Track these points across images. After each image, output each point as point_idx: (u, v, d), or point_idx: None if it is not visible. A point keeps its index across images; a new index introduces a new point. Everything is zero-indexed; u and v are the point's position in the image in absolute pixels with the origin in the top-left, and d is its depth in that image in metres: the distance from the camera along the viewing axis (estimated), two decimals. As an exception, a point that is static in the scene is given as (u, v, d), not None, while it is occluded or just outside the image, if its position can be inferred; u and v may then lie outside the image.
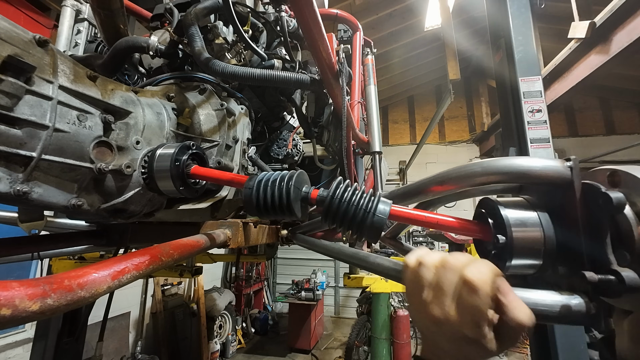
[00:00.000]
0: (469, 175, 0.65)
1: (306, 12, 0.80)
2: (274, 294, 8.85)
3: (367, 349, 4.92)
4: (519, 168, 0.58)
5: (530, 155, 2.40)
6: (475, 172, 0.63)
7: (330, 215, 0.68)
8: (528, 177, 0.58)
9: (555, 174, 0.55)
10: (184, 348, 5.22)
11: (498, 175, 0.61)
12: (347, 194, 0.68)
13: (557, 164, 0.56)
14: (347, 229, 0.67)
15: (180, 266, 2.46)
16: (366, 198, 0.67)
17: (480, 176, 0.63)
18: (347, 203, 0.66)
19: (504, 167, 0.60)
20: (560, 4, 4.85)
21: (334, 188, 0.68)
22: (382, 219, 0.65)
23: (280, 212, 0.70)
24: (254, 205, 0.72)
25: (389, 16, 6.02)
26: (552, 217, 0.59)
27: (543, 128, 2.55)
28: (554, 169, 0.56)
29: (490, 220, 0.63)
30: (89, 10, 1.61)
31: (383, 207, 0.66)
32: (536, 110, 2.59)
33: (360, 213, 0.65)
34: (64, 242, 1.25)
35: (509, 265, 0.59)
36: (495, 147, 6.90)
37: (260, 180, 0.73)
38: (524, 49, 2.74)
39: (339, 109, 1.39)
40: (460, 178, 0.67)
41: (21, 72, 0.61)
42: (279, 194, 0.70)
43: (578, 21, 3.61)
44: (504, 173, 0.60)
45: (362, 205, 0.66)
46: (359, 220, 0.65)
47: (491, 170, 0.61)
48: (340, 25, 2.08)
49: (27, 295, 0.36)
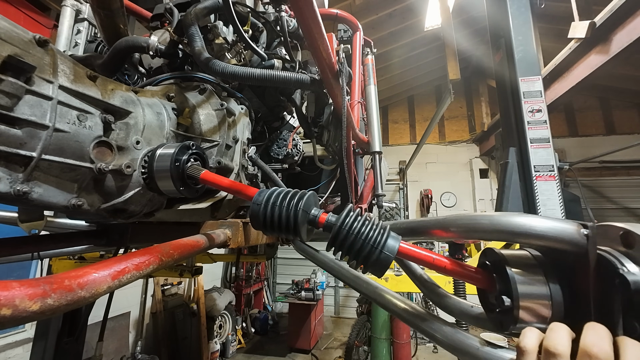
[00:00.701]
0: (475, 228, 0.63)
1: (306, 12, 0.80)
2: (274, 293, 8.85)
3: (367, 348, 4.92)
4: (531, 230, 0.54)
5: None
6: (483, 226, 0.61)
7: (337, 244, 0.65)
8: (540, 240, 0.54)
9: (569, 240, 0.52)
10: (184, 348, 5.22)
11: (506, 235, 0.57)
12: (357, 224, 0.65)
13: (573, 230, 0.52)
14: (351, 260, 0.65)
15: (180, 266, 2.46)
16: (375, 231, 0.64)
17: (487, 232, 0.60)
18: (355, 235, 0.64)
19: (515, 227, 0.56)
20: (560, 4, 4.85)
21: (344, 216, 0.66)
22: (389, 256, 0.63)
23: (285, 232, 0.69)
24: (260, 223, 0.71)
25: (389, 16, 6.02)
26: (560, 278, 0.56)
27: (543, 128, 2.55)
28: (568, 235, 0.52)
29: (495, 274, 0.62)
30: (89, 10, 1.61)
31: (392, 244, 0.64)
32: (536, 110, 2.59)
33: (367, 247, 0.63)
34: (64, 242, 1.25)
35: (512, 328, 0.57)
36: (495, 147, 6.90)
37: (270, 197, 0.71)
38: (524, 49, 2.74)
39: (339, 109, 1.38)
40: (466, 229, 0.65)
41: (21, 72, 0.61)
42: (286, 215, 0.68)
43: (578, 21, 3.61)
44: (513, 233, 0.56)
45: (371, 238, 0.63)
46: (365, 254, 0.63)
47: (500, 227, 0.58)
48: (340, 25, 2.08)
49: (27, 295, 0.36)
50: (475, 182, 8.15)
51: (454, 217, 0.68)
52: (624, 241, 0.47)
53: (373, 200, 1.81)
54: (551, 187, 2.44)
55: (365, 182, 2.00)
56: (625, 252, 0.47)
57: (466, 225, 0.65)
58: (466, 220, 0.65)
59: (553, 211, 2.39)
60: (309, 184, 2.02)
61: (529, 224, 0.55)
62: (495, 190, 7.32)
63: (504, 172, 2.69)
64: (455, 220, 0.67)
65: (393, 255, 0.63)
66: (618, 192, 7.18)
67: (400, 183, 8.69)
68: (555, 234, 0.53)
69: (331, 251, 0.69)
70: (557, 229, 0.53)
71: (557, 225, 0.53)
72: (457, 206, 8.22)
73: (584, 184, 6.82)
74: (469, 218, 0.65)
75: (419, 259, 0.66)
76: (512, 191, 2.59)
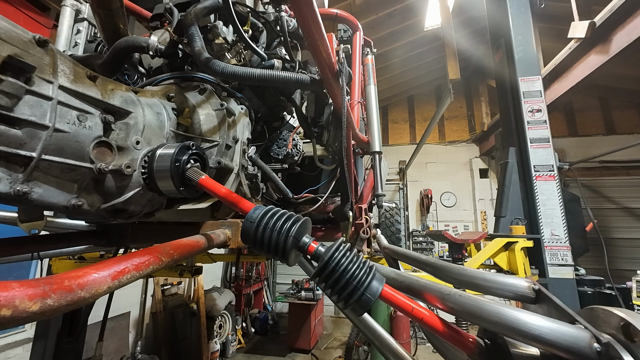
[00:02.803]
0: (479, 315, 0.59)
1: (306, 12, 0.80)
2: (274, 293, 8.85)
3: (367, 348, 4.92)
4: (540, 336, 0.52)
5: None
6: (487, 315, 0.58)
7: (323, 277, 0.65)
8: (548, 347, 0.52)
9: (579, 353, 0.49)
10: (184, 348, 5.22)
11: (511, 332, 0.55)
12: (345, 260, 0.64)
13: (585, 342, 0.49)
14: (333, 294, 0.65)
15: (180, 266, 2.46)
16: (362, 270, 0.64)
17: (491, 324, 0.57)
18: (342, 272, 0.63)
19: (522, 327, 0.53)
20: (560, 4, 4.85)
21: (333, 250, 0.66)
22: (369, 299, 0.62)
23: (274, 254, 0.70)
24: (250, 240, 0.71)
25: (388, 16, 6.02)
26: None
27: (543, 128, 2.55)
28: (579, 348, 0.49)
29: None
30: (88, 10, 1.61)
31: (375, 286, 0.63)
32: (536, 110, 2.59)
33: (350, 286, 0.62)
34: (64, 242, 1.25)
35: None
36: (495, 147, 6.91)
37: (264, 216, 0.71)
38: (524, 48, 2.74)
39: (338, 108, 1.39)
40: (468, 313, 0.61)
41: (21, 72, 0.61)
42: (276, 240, 0.68)
43: (578, 21, 3.61)
44: (519, 332, 0.53)
45: (355, 277, 0.63)
46: (348, 292, 0.63)
47: (506, 322, 0.55)
48: (340, 25, 2.08)
49: (27, 295, 0.36)
50: (475, 182, 8.16)
51: (458, 293, 0.65)
52: (624, 331, 0.48)
53: (373, 200, 1.81)
54: (551, 187, 2.45)
55: (365, 182, 2.00)
56: (626, 345, 0.47)
57: (469, 309, 0.61)
58: (471, 303, 0.61)
59: (553, 211, 2.40)
60: (309, 183, 2.02)
61: (538, 328, 0.52)
62: (495, 190, 7.32)
63: (504, 172, 2.69)
64: (460, 298, 0.63)
65: (374, 298, 0.62)
66: (618, 192, 7.19)
67: (400, 183, 8.70)
68: (565, 345, 0.50)
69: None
70: (568, 338, 0.50)
71: (568, 334, 0.51)
72: (457, 206, 8.23)
73: (583, 184, 6.83)
74: (474, 301, 0.61)
75: (401, 307, 0.65)
76: (512, 191, 2.59)
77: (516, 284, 0.69)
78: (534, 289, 0.65)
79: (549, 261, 2.30)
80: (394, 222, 7.35)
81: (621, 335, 0.48)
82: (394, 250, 1.42)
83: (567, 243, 2.32)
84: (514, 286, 0.69)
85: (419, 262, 1.09)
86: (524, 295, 0.67)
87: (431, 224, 8.17)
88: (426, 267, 0.99)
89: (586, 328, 0.52)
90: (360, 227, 1.62)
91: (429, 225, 8.14)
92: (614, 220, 7.04)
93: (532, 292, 0.66)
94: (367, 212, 1.67)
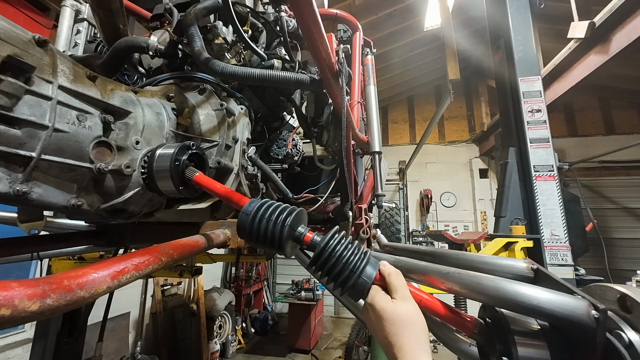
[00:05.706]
0: (478, 289, 0.61)
1: (306, 12, 0.80)
2: (274, 294, 8.84)
3: (367, 348, 4.92)
4: (539, 306, 0.53)
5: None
6: (486, 289, 0.59)
7: (318, 265, 0.66)
8: (547, 317, 0.53)
9: (577, 321, 0.50)
10: (184, 348, 5.21)
11: (511, 304, 0.56)
12: (340, 246, 0.65)
13: (582, 310, 0.51)
14: (330, 282, 0.66)
15: (180, 266, 2.46)
16: (357, 255, 0.65)
17: (490, 297, 0.58)
18: (337, 258, 0.64)
19: (521, 299, 0.54)
20: (560, 4, 4.85)
21: (328, 238, 0.67)
22: (366, 282, 0.63)
23: (270, 245, 0.70)
24: (246, 233, 0.71)
25: (388, 16, 6.02)
26: (563, 352, 0.54)
27: (542, 128, 2.55)
28: (577, 316, 0.50)
29: (494, 331, 0.61)
30: (88, 10, 1.61)
31: (370, 271, 0.64)
32: (536, 110, 2.60)
33: (346, 271, 0.63)
34: (64, 242, 1.25)
35: None
36: (495, 147, 6.90)
37: (259, 209, 0.71)
38: (524, 48, 2.74)
39: (338, 109, 1.38)
40: (468, 288, 0.63)
41: (21, 72, 0.61)
42: (272, 230, 0.69)
43: (578, 21, 3.61)
44: (518, 305, 0.55)
45: (351, 262, 0.64)
46: (343, 277, 0.64)
47: (505, 295, 0.56)
48: (340, 25, 2.07)
49: (27, 295, 0.36)
50: (475, 182, 8.15)
51: (457, 271, 0.66)
52: (621, 304, 0.49)
53: (373, 200, 1.81)
54: (551, 187, 2.45)
55: (365, 182, 2.00)
56: (624, 317, 0.48)
57: (469, 285, 0.63)
58: (470, 279, 0.63)
59: (553, 211, 2.40)
60: (308, 184, 2.02)
61: (537, 299, 0.53)
62: (495, 190, 7.31)
63: (503, 172, 2.69)
64: (460, 275, 0.65)
65: (370, 281, 0.63)
66: (617, 192, 7.18)
67: (400, 183, 8.69)
68: (564, 313, 0.51)
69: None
70: (566, 307, 0.51)
71: (566, 303, 0.52)
72: (457, 206, 8.22)
73: (583, 184, 6.82)
74: (473, 277, 0.62)
75: None
76: (512, 191, 2.59)
77: (515, 265, 0.71)
78: (533, 269, 0.67)
79: (549, 261, 2.30)
80: (393, 222, 7.34)
81: (618, 308, 0.49)
82: (394, 247, 1.43)
83: (567, 243, 2.32)
84: (512, 267, 0.71)
85: (419, 253, 1.12)
86: (523, 275, 0.69)
87: (431, 224, 8.17)
88: (426, 256, 1.01)
89: (584, 298, 0.53)
90: (360, 227, 1.62)
91: (428, 225, 8.14)
92: (613, 220, 7.04)
93: (531, 272, 0.68)
94: (367, 212, 1.66)
